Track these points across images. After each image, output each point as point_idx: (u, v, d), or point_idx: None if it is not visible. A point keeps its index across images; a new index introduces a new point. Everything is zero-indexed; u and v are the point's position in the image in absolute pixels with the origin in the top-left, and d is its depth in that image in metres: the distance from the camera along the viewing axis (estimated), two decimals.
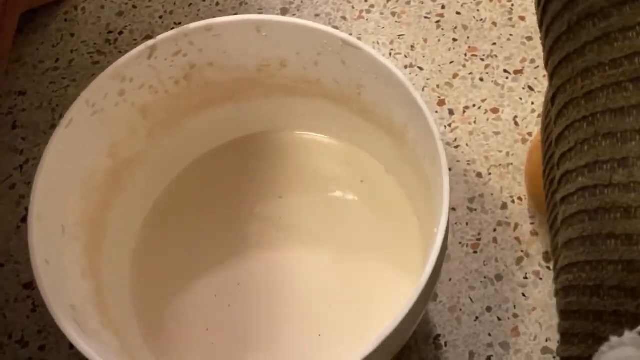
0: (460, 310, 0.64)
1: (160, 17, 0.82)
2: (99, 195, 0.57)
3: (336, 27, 0.79)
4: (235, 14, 0.81)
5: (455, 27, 0.78)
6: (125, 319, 0.57)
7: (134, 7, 0.83)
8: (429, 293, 0.47)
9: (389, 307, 0.54)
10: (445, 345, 0.62)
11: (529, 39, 0.77)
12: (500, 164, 0.70)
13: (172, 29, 0.57)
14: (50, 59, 0.80)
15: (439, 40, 0.78)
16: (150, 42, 0.55)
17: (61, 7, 0.84)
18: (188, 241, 0.63)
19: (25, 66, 0.80)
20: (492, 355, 0.62)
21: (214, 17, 0.57)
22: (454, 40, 0.78)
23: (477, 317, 0.63)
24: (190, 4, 0.83)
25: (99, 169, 0.57)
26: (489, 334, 0.62)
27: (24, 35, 0.81)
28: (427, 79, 0.75)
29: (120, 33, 0.82)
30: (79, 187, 0.55)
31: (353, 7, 0.80)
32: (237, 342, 0.58)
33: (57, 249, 0.50)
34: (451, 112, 0.73)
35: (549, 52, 0.39)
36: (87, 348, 0.43)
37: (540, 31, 0.41)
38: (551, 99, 0.40)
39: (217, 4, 0.83)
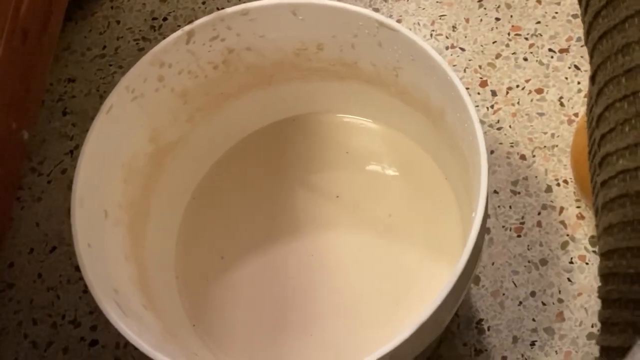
0: (504, 294, 0.63)
1: (203, 3, 0.83)
2: (141, 179, 0.58)
3: (377, 9, 0.78)
4: None
5: (498, 6, 0.77)
6: (169, 300, 0.58)
7: None
8: (467, 279, 0.46)
9: (427, 292, 0.54)
10: (488, 330, 0.62)
11: (575, 16, 0.75)
12: (545, 146, 0.69)
13: None
14: (98, 46, 0.82)
15: (481, 20, 0.76)
16: (188, 27, 0.56)
17: None
18: (231, 223, 0.63)
19: (74, 54, 0.82)
20: (536, 341, 0.61)
21: (253, 0, 0.57)
22: (497, 19, 0.76)
23: (520, 302, 0.62)
24: None
25: (140, 154, 0.58)
26: (533, 319, 0.61)
27: (72, 23, 0.83)
28: (469, 60, 0.74)
29: (165, 19, 0.83)
30: (121, 171, 0.56)
31: None
32: (278, 323, 0.59)
33: (100, 233, 0.52)
34: (494, 94, 0.72)
35: (588, 29, 0.38)
36: (128, 330, 0.44)
37: (580, 7, 0.39)
38: (591, 77, 0.38)
39: None
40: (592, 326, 0.61)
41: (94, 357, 0.65)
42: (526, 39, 0.75)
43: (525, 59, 0.73)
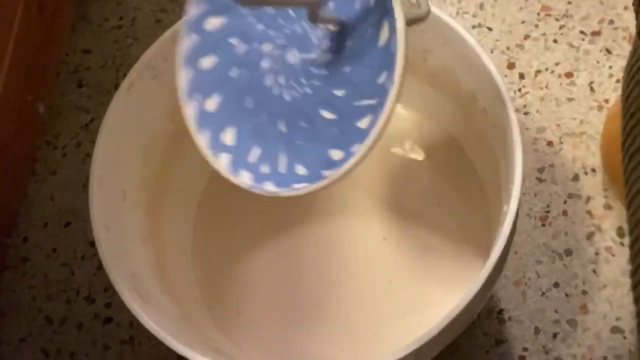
0: (526, 284, 0.61)
1: None
2: (160, 159, 0.57)
3: None
4: None
5: None
6: (186, 284, 0.57)
7: None
8: (496, 274, 0.45)
9: (451, 285, 0.53)
10: (509, 320, 0.60)
11: None
12: (573, 133, 0.67)
13: None
14: (114, 17, 0.80)
15: None
16: None
17: None
18: (250, 206, 0.62)
19: (90, 24, 0.80)
20: (558, 332, 0.60)
21: None
22: None
23: (543, 293, 0.61)
24: None
25: (160, 133, 0.57)
26: (556, 311, 0.60)
27: None
28: (496, 40, 0.72)
29: None
30: (141, 151, 0.55)
31: None
32: (297, 311, 0.58)
33: (118, 215, 0.51)
34: (521, 76, 0.70)
35: None
36: (147, 318, 0.43)
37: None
38: None
39: None
40: (617, 320, 0.59)
41: (108, 334, 0.64)
42: (556, 19, 0.72)
43: (555, 41, 0.71)
